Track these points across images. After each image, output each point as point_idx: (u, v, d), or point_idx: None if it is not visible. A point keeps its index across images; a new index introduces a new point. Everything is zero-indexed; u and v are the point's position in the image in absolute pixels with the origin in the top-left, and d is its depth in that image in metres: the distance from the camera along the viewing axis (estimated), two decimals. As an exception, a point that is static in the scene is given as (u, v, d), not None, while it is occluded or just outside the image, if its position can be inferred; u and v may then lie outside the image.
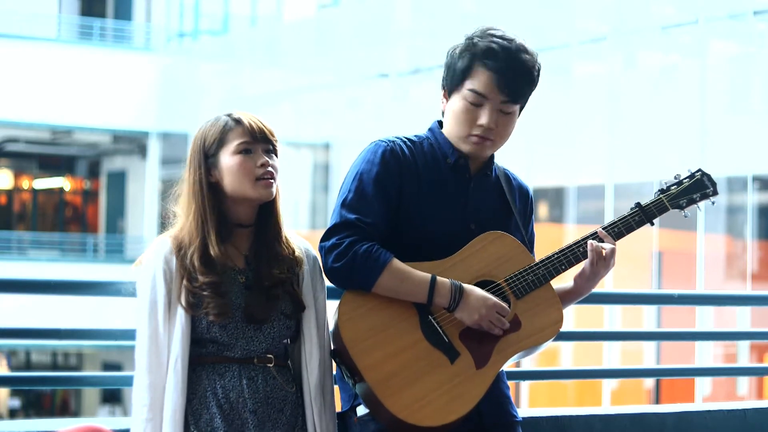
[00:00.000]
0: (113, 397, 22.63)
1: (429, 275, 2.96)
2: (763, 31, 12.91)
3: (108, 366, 22.75)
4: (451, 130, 3.08)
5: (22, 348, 22.34)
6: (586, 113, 14.56)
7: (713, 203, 3.20)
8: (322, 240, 3.00)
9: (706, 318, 11.88)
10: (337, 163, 18.94)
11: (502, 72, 3.00)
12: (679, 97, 13.43)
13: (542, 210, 15.98)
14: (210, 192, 2.94)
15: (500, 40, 3.02)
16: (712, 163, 11.99)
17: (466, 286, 2.97)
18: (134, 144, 23.36)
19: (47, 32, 22.63)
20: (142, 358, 2.87)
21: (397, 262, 2.96)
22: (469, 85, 3.02)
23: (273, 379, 2.93)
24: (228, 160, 2.93)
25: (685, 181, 3.16)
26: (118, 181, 24.48)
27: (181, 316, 2.86)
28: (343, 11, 19.84)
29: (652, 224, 3.14)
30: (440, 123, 3.16)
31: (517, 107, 3.07)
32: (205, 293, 2.85)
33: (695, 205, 3.18)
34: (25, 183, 26.22)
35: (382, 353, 2.93)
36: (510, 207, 3.16)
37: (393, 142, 3.08)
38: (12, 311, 11.09)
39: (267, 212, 3.00)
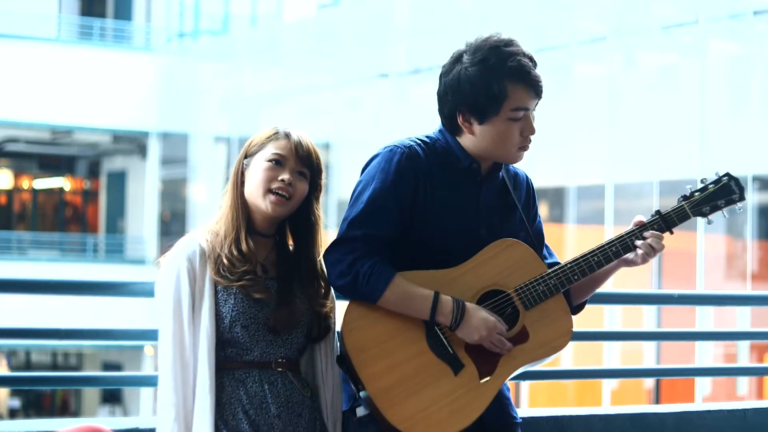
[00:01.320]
0: (113, 397, 22.62)
1: (432, 292, 2.93)
2: (763, 31, 12.89)
3: (108, 366, 22.74)
4: (493, 150, 3.02)
5: (22, 348, 22.36)
6: (586, 113, 14.54)
7: (740, 209, 3.08)
8: (326, 252, 2.99)
9: (706, 318, 11.86)
10: (337, 163, 18.91)
11: (535, 81, 2.99)
12: (679, 97, 13.42)
13: (542, 210, 15.93)
14: (241, 191, 2.97)
15: (512, 48, 2.99)
16: (712, 163, 11.97)
17: (468, 305, 2.94)
18: (134, 144, 23.33)
19: (47, 32, 22.61)
20: (167, 357, 2.87)
21: (399, 279, 2.94)
22: (510, 105, 2.97)
23: (291, 383, 2.95)
24: (256, 164, 2.95)
25: (710, 186, 3.05)
26: (118, 181, 24.45)
27: (205, 315, 2.87)
28: (343, 11, 19.82)
29: (671, 233, 3.06)
30: (446, 127, 3.09)
31: None
32: (247, 277, 2.88)
33: (720, 212, 3.06)
34: (25, 183, 26.20)
35: (384, 363, 2.93)
36: (515, 204, 3.14)
37: (409, 147, 3.03)
38: (12, 311, 11.08)
39: (291, 228, 3.03)
